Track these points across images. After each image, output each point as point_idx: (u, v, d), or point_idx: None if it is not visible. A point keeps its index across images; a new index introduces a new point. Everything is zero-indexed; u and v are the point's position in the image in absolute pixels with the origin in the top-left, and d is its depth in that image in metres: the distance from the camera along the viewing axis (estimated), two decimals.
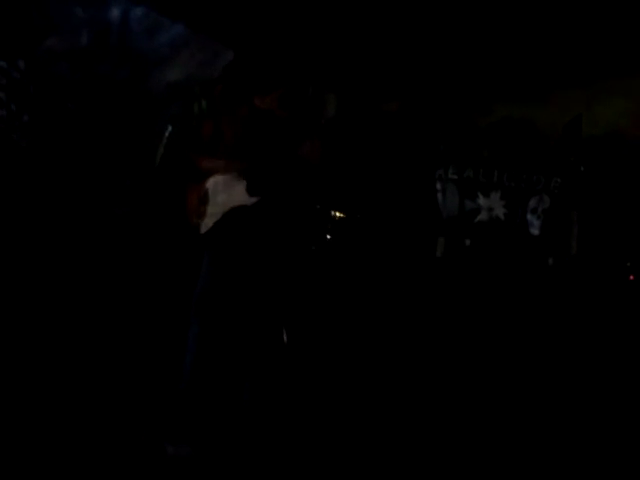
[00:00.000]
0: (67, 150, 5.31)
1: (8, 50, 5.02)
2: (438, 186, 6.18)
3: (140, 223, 5.22)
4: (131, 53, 5.60)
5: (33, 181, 5.08)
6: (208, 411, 3.43)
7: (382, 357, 4.98)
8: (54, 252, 4.94)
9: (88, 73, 5.44)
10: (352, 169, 5.84)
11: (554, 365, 5.06)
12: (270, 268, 3.51)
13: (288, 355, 3.51)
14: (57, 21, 5.32)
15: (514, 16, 5.47)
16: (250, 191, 3.47)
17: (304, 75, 4.51)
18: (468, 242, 6.12)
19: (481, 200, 6.19)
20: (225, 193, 3.54)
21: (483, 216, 6.17)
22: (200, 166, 3.61)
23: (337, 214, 5.62)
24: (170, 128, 4.19)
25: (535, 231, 6.08)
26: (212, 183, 3.58)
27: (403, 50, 5.94)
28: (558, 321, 5.51)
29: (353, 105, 6.12)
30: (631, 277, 5.86)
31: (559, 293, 5.75)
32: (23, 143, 5.07)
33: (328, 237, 5.56)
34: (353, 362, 4.81)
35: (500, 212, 6.16)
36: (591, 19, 5.50)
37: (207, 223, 3.56)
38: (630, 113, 6.15)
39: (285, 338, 3.48)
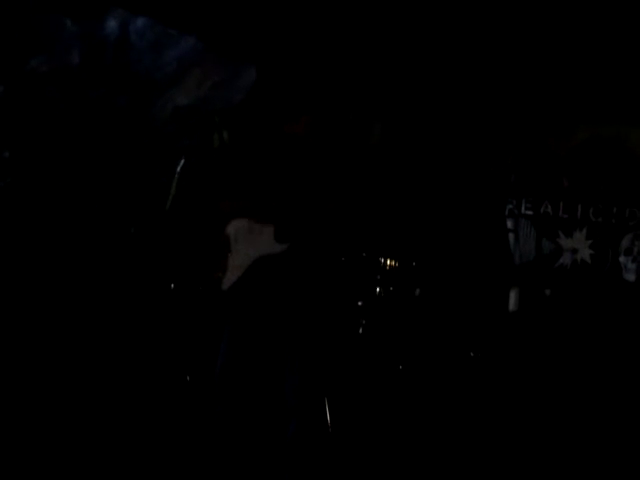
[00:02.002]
0: (57, 193, 5.07)
1: None
2: (509, 224, 5.80)
3: (151, 280, 4.99)
4: (131, 73, 5.33)
5: (17, 232, 4.85)
6: None
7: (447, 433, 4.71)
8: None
9: (81, 98, 5.21)
10: (405, 207, 5.49)
11: None
12: (309, 335, 3.26)
13: (334, 433, 3.28)
14: (43, 37, 5.06)
15: (598, 24, 5.06)
16: (279, 238, 3.25)
17: (343, 96, 4.41)
18: (548, 292, 5.66)
19: (562, 240, 5.72)
20: (249, 241, 3.34)
21: (565, 259, 5.71)
22: (220, 208, 3.41)
23: (388, 262, 5.33)
24: (182, 162, 3.85)
25: (630, 276, 5.57)
26: (233, 229, 3.34)
27: (463, 65, 5.57)
28: None
29: (402, 133, 5.77)
30: None
31: None
32: (1, 183, 4.85)
33: (377, 291, 5.25)
34: (412, 437, 4.56)
35: (586, 254, 5.68)
36: None
37: (229, 278, 3.30)
38: None
39: (328, 416, 3.23)
